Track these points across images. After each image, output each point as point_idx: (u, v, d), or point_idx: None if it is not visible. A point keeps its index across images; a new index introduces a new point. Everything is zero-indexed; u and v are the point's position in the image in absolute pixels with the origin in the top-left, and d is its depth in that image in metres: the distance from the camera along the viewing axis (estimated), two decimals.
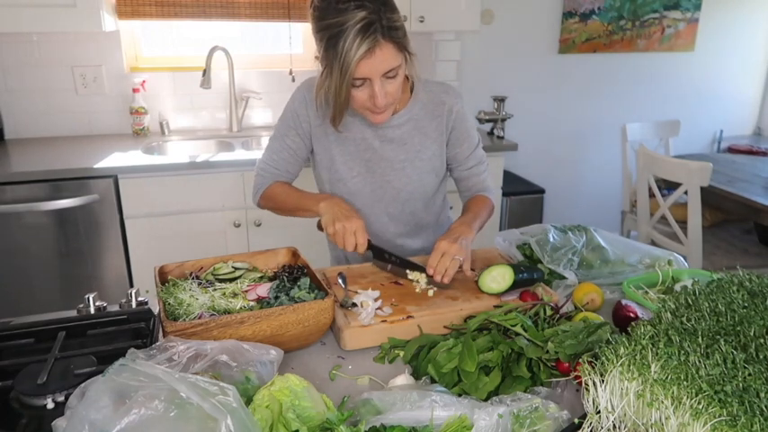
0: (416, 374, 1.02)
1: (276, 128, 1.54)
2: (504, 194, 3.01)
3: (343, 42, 1.18)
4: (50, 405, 0.90)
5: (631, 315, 1.13)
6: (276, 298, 1.13)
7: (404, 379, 0.97)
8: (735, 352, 0.79)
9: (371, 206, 1.52)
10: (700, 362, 0.77)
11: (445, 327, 1.15)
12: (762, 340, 0.82)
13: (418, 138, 1.47)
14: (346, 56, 1.19)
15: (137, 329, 1.12)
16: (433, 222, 1.62)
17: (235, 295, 1.15)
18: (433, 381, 0.98)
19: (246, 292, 1.17)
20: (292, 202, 1.47)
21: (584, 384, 0.82)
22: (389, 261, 1.36)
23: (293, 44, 2.95)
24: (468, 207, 1.53)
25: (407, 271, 1.32)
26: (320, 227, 1.41)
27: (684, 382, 0.74)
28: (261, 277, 1.25)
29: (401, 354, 1.09)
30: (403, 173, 1.49)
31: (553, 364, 0.98)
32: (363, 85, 1.27)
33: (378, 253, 1.36)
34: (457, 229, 1.36)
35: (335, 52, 1.20)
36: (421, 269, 1.31)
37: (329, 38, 1.21)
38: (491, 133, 3.10)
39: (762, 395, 0.71)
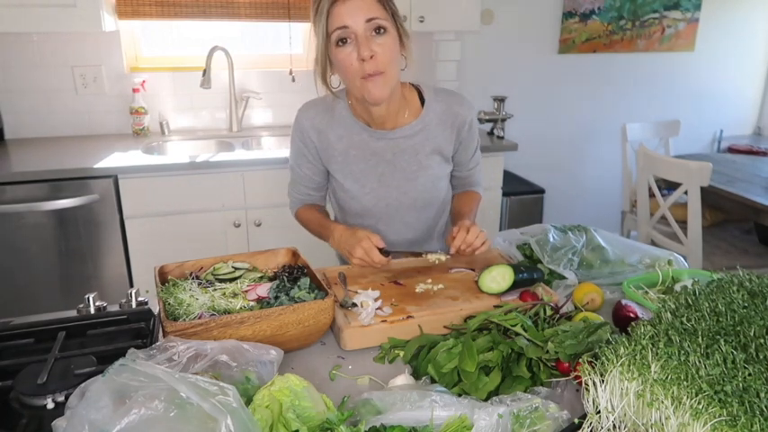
0: (416, 374, 1.02)
1: (290, 156, 1.57)
2: (504, 194, 3.01)
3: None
4: (50, 405, 0.90)
5: (631, 315, 1.13)
6: (276, 298, 1.13)
7: (404, 379, 0.97)
8: (735, 352, 0.79)
9: (388, 219, 1.53)
10: (700, 362, 0.77)
11: (445, 327, 1.15)
12: (762, 340, 0.82)
13: (430, 146, 1.48)
14: (322, 3, 1.23)
15: (137, 329, 1.12)
16: (444, 224, 1.64)
17: (235, 295, 1.15)
18: (433, 381, 0.98)
19: (246, 292, 1.17)
20: (315, 232, 1.54)
21: (584, 384, 0.82)
22: (407, 256, 1.44)
23: (293, 44, 2.95)
24: (461, 208, 1.56)
25: (423, 255, 1.40)
26: None
27: (684, 382, 0.74)
28: (261, 277, 1.25)
29: (401, 354, 1.09)
30: (418, 182, 1.49)
31: (553, 364, 0.98)
32: (348, 43, 1.26)
33: (396, 256, 1.42)
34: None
35: (315, 9, 1.25)
36: (430, 252, 1.41)
37: (314, 8, 1.26)
38: (491, 133, 3.10)
39: (762, 395, 0.71)
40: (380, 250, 1.31)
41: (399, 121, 1.46)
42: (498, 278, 1.25)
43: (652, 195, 2.87)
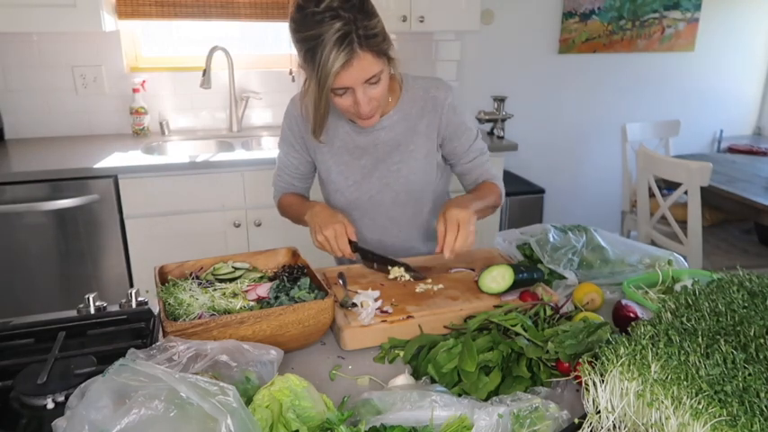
0: (416, 374, 1.02)
1: (278, 144, 1.57)
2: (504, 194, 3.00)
3: (320, 55, 1.18)
4: (50, 405, 0.90)
5: (631, 315, 1.13)
6: (276, 298, 1.13)
7: (404, 379, 0.97)
8: (735, 352, 0.79)
9: (373, 213, 1.53)
10: (700, 362, 0.77)
11: (445, 327, 1.15)
12: (762, 340, 0.82)
13: (411, 137, 1.46)
14: (323, 68, 1.19)
15: (137, 329, 1.12)
16: (431, 225, 1.61)
17: (235, 295, 1.15)
18: (433, 381, 0.98)
19: (246, 292, 1.17)
20: (295, 214, 1.52)
21: (584, 384, 0.82)
22: (372, 260, 1.37)
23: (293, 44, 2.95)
24: (472, 190, 1.51)
25: (389, 268, 1.34)
26: None
27: (684, 382, 0.74)
28: (261, 277, 1.25)
29: (401, 354, 1.09)
30: (399, 174, 1.48)
31: (553, 364, 0.98)
32: (346, 93, 1.27)
33: (363, 254, 1.38)
34: (456, 201, 1.33)
35: (313, 65, 1.20)
36: (399, 264, 1.34)
37: (307, 50, 1.21)
38: (491, 133, 3.10)
39: (762, 395, 0.71)
40: (351, 243, 1.32)
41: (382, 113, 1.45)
42: (498, 278, 1.25)
43: (652, 195, 2.87)
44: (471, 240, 1.24)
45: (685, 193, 2.61)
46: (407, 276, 1.32)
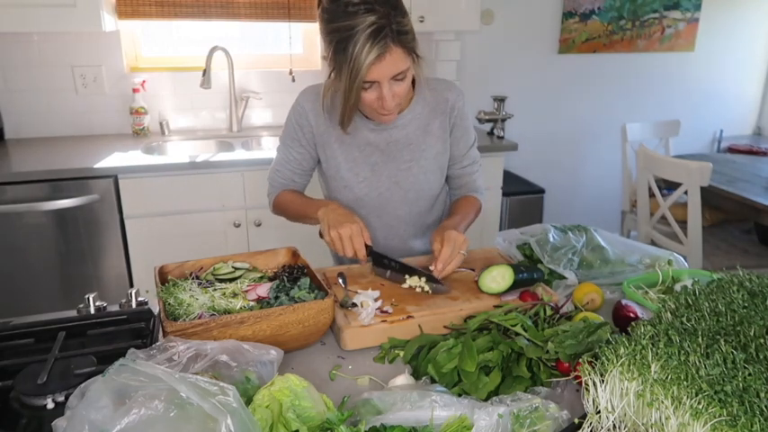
0: (416, 374, 1.02)
1: (281, 138, 1.55)
2: (504, 194, 3.01)
3: (353, 47, 1.18)
4: (50, 405, 0.90)
5: (631, 315, 1.13)
6: (276, 298, 1.13)
7: (404, 379, 0.97)
8: (735, 352, 0.79)
9: (380, 211, 1.52)
10: (700, 362, 0.77)
11: (445, 327, 1.15)
12: (762, 340, 0.82)
13: (423, 137, 1.48)
14: (356, 60, 1.19)
15: (137, 329, 1.12)
16: (438, 221, 1.63)
17: (235, 295, 1.15)
18: (433, 381, 0.98)
19: (246, 292, 1.17)
20: (296, 211, 1.49)
21: (584, 384, 0.82)
22: (389, 267, 1.33)
23: (293, 44, 2.95)
24: (456, 209, 1.54)
25: (406, 276, 1.30)
26: (321, 234, 1.42)
27: (684, 382, 0.74)
28: (261, 277, 1.25)
29: (401, 354, 1.09)
30: (409, 173, 1.49)
31: (553, 364, 0.98)
32: (371, 87, 1.27)
33: (377, 259, 1.35)
34: (450, 225, 1.38)
35: (345, 56, 1.20)
36: (420, 273, 1.29)
37: (338, 41, 1.21)
38: (491, 133, 3.09)
39: (762, 395, 0.71)
40: (366, 247, 1.30)
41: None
42: (498, 278, 1.25)
43: (652, 195, 2.87)
44: (458, 263, 1.30)
45: (685, 193, 2.61)
46: (427, 288, 1.27)
